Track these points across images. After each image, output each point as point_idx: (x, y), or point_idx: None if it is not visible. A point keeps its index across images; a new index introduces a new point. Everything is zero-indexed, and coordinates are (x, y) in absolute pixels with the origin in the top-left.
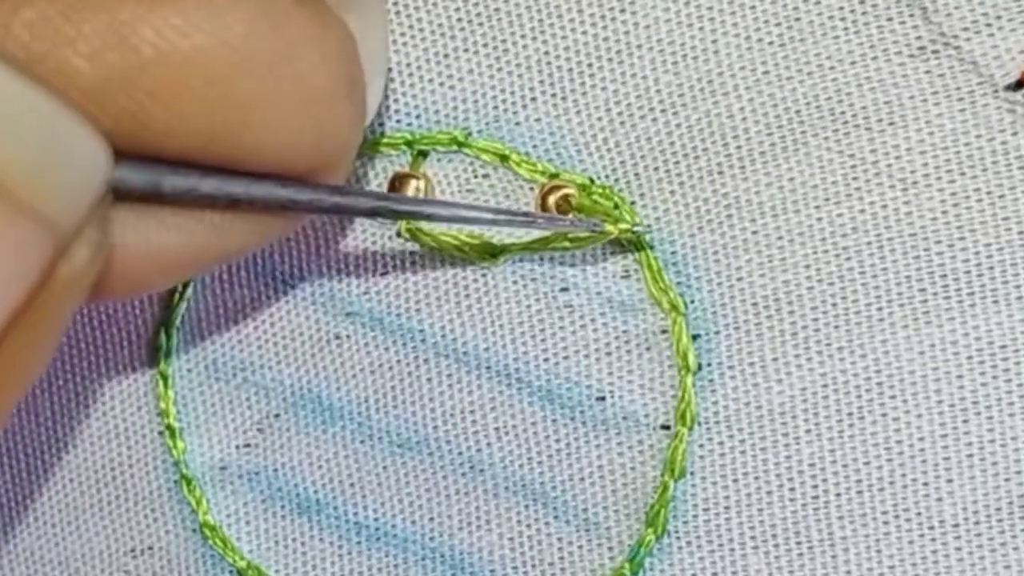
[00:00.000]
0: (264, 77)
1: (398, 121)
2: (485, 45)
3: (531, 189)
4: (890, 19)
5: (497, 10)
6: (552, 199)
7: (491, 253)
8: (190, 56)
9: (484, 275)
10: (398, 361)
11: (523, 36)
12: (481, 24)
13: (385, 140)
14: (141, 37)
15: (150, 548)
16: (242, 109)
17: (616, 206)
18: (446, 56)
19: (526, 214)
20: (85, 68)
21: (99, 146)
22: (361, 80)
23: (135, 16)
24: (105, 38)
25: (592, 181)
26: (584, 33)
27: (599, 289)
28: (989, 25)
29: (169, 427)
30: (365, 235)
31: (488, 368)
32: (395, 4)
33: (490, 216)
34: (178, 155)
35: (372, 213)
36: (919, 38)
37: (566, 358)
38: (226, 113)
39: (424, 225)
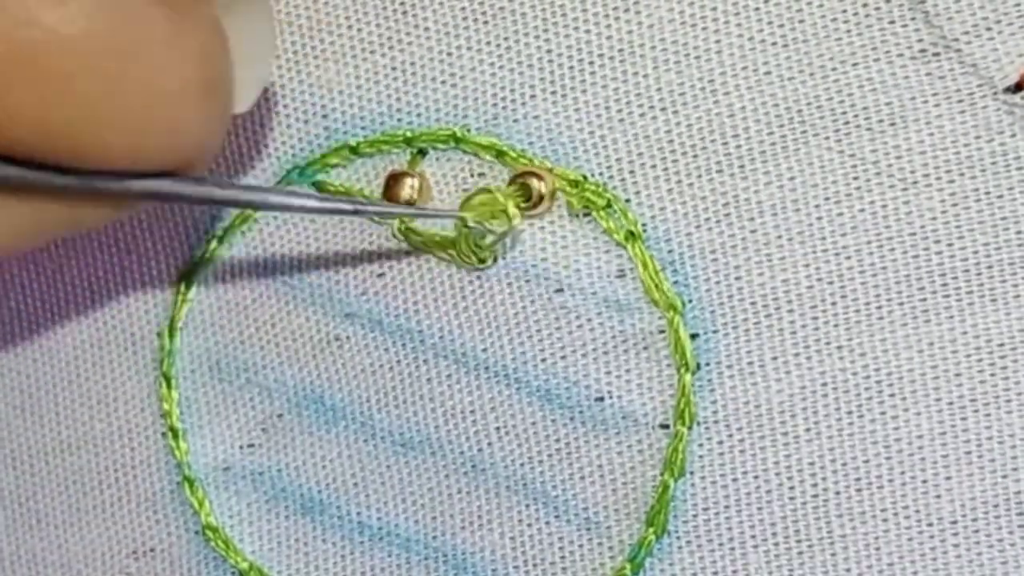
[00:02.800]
0: (104, 75)
1: (399, 120)
2: (489, 43)
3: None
4: (892, 22)
5: (502, 8)
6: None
7: (478, 256)
8: (24, 46)
9: (479, 277)
10: (398, 362)
11: (527, 35)
12: (487, 23)
13: (385, 138)
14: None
15: (152, 550)
16: (80, 106)
17: (609, 203)
18: (449, 55)
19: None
20: None
21: None
22: (225, 79)
23: None
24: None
25: (585, 178)
26: (588, 32)
27: (594, 289)
28: (989, 29)
29: (172, 428)
30: (362, 236)
31: (487, 369)
32: (402, 3)
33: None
34: (10, 146)
35: (202, 201)
36: (920, 41)
37: (564, 359)
38: (63, 110)
39: (419, 225)
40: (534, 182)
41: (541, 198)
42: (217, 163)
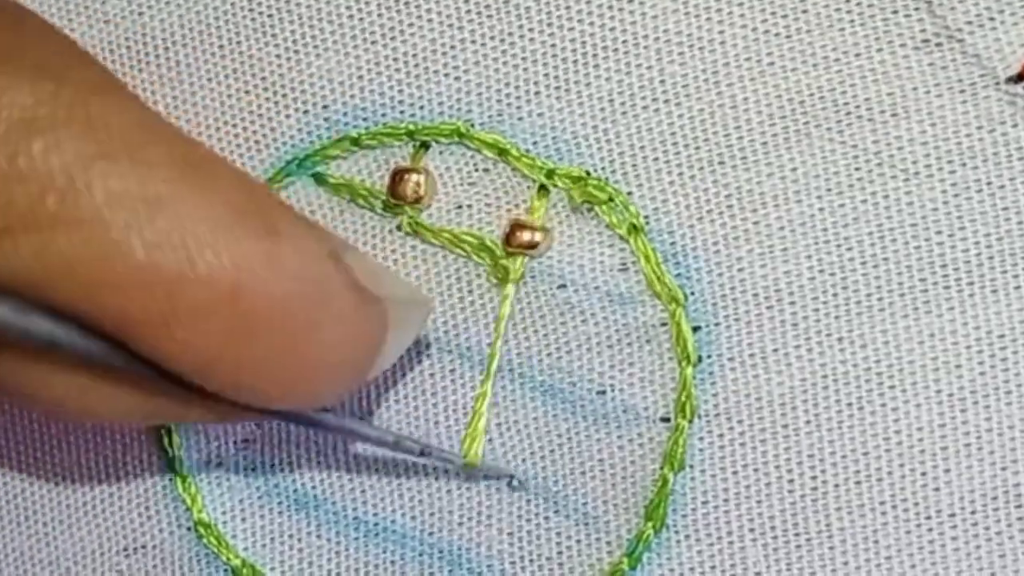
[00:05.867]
0: (289, 337)
1: (401, 112)
2: (492, 37)
3: (529, 186)
4: (895, 12)
5: (506, 2)
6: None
7: (489, 251)
8: (234, 290)
9: (484, 273)
10: (398, 358)
11: (531, 29)
12: (490, 16)
13: (387, 130)
14: (201, 254)
15: (143, 547)
16: (256, 355)
17: (611, 198)
18: (452, 48)
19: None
20: (140, 253)
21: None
22: (372, 368)
23: (205, 234)
24: (171, 237)
25: (588, 174)
26: (591, 24)
27: (597, 284)
28: (992, 19)
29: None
30: (366, 229)
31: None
32: None
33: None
34: (173, 363)
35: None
36: (923, 31)
37: (567, 353)
38: (240, 353)
39: (424, 219)
40: (526, 236)
41: (535, 246)
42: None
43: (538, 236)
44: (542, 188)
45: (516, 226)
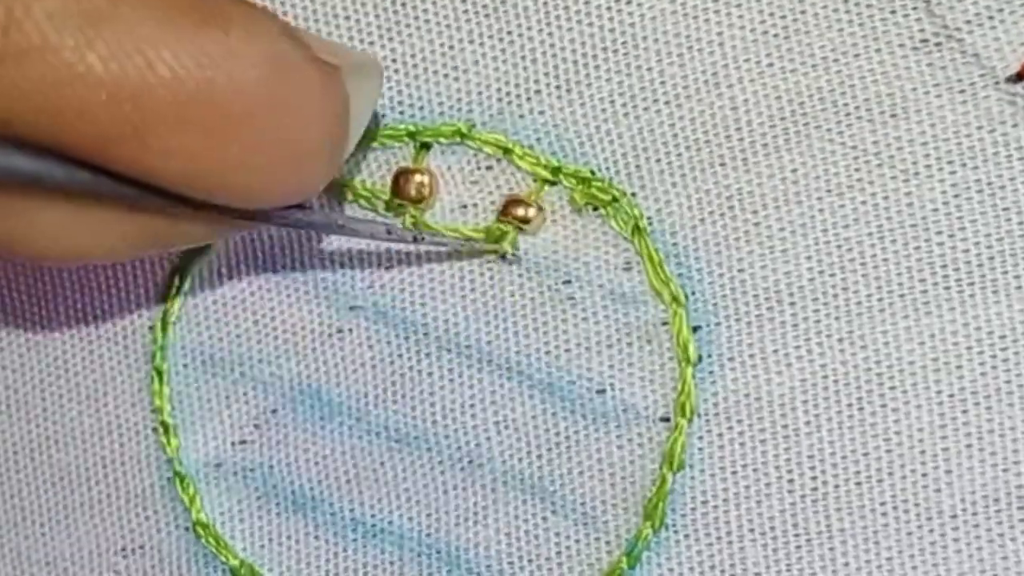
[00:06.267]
0: (264, 124)
1: (401, 113)
2: (491, 37)
3: (531, 184)
4: (893, 12)
5: (504, 1)
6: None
7: (495, 248)
8: (201, 88)
9: (489, 268)
10: (400, 355)
11: (529, 28)
12: (488, 16)
13: (388, 131)
14: (158, 56)
15: (141, 547)
16: (239, 151)
17: (615, 199)
18: (451, 48)
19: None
20: (99, 68)
21: None
22: (345, 143)
23: (155, 36)
24: (123, 46)
25: (593, 174)
26: (590, 25)
27: (601, 281)
28: (991, 18)
29: (163, 423)
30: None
31: (490, 361)
32: None
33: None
34: (156, 176)
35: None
36: (922, 31)
37: (568, 351)
38: (221, 151)
39: (428, 219)
40: (520, 211)
41: (528, 220)
42: None
43: (531, 212)
44: (545, 181)
45: (511, 201)
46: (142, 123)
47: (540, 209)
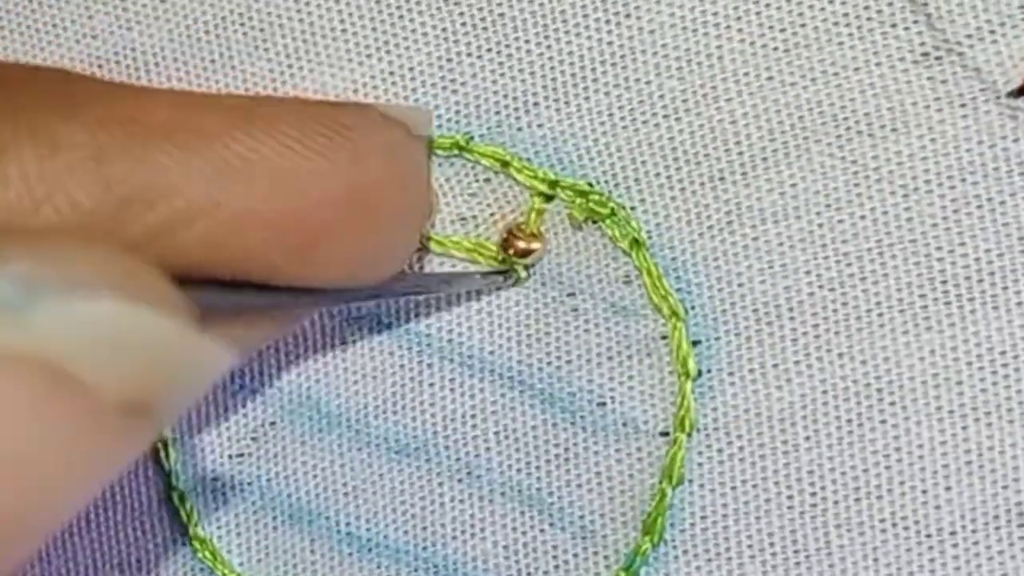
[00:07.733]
0: (392, 205)
1: None
2: (489, 50)
3: (530, 196)
4: (894, 25)
5: (502, 15)
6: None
7: (501, 260)
8: (343, 196)
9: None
10: (401, 366)
11: (527, 41)
12: (486, 28)
13: None
14: (310, 183)
15: (138, 561)
16: (375, 238)
17: (613, 212)
18: (449, 60)
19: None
20: (262, 209)
21: None
22: (432, 198)
23: (300, 167)
24: (277, 185)
25: (591, 186)
26: (588, 38)
27: (604, 295)
28: (992, 32)
29: (160, 438)
30: None
31: (491, 372)
32: (399, 8)
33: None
34: (319, 282)
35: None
36: (923, 44)
37: (569, 363)
38: (362, 244)
39: (435, 231)
40: (520, 244)
41: (528, 252)
42: None
43: (534, 244)
44: (543, 196)
45: (510, 235)
46: (306, 244)
47: (541, 237)
